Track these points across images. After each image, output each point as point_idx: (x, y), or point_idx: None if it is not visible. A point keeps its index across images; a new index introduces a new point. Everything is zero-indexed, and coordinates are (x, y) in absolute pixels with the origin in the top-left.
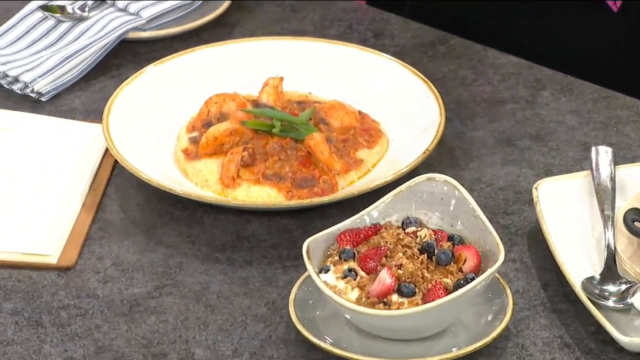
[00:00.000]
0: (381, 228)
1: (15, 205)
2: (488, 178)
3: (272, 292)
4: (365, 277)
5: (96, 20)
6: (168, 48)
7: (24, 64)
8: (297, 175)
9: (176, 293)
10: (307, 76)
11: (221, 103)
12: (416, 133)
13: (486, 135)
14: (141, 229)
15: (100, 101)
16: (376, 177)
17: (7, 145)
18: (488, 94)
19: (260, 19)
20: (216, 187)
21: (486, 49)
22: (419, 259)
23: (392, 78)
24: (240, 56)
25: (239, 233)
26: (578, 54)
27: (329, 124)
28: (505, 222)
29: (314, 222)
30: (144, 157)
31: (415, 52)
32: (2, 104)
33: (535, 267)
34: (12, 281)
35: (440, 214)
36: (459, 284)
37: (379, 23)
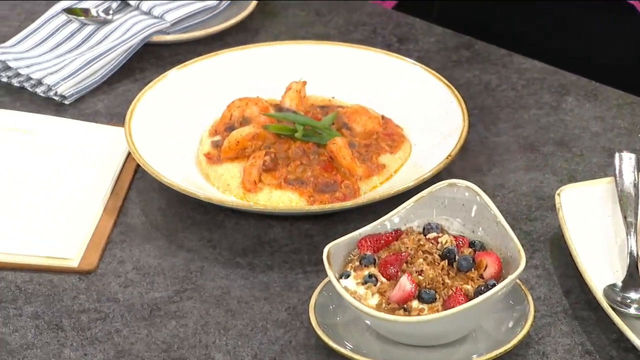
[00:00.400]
0: (402, 234)
1: (37, 209)
2: (511, 184)
3: (292, 297)
4: (386, 283)
5: (120, 23)
6: (192, 51)
7: (47, 67)
8: (319, 180)
9: (197, 297)
10: (331, 80)
11: (244, 107)
12: (439, 138)
13: (510, 140)
14: (162, 233)
15: (124, 104)
16: (398, 182)
17: (30, 148)
18: (512, 99)
19: (285, 23)
20: (238, 191)
21: (511, 54)
22: (439, 265)
23: (416, 83)
24: (263, 60)
25: (260, 238)
26: (603, 59)
27: (352, 129)
28: (527, 228)
29: (335, 227)
30: (166, 161)
31: (440, 56)
32: (25, 107)
33: (557, 273)
34: (33, 284)
35: (461, 220)
36: (479, 290)
37: (403, 27)
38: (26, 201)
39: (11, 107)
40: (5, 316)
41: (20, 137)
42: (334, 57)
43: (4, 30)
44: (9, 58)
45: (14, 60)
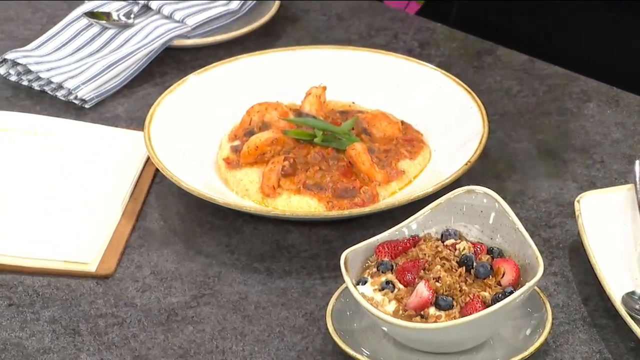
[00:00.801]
0: (420, 240)
1: (55, 213)
2: (531, 190)
3: (310, 302)
4: (403, 289)
5: (141, 27)
6: (213, 56)
7: (68, 71)
8: (338, 186)
9: (214, 303)
10: (351, 85)
11: (263, 112)
12: (459, 144)
13: (530, 147)
14: (181, 237)
15: (144, 109)
16: (418, 188)
17: (50, 152)
18: (533, 106)
19: (306, 28)
20: (257, 196)
21: (532, 60)
22: (457, 271)
23: (436, 88)
24: (284, 65)
25: (278, 243)
26: (625, 65)
27: (372, 134)
28: (547, 235)
29: (354, 232)
30: (185, 166)
31: (461, 62)
32: (46, 111)
33: (576, 281)
34: (50, 289)
35: (480, 227)
36: (496, 297)
37: (424, 33)
38: (45, 205)
39: (32, 110)
40: (22, 320)
41: (40, 140)
42: (354, 62)
43: (25, 33)
44: (30, 62)
45: (34, 64)
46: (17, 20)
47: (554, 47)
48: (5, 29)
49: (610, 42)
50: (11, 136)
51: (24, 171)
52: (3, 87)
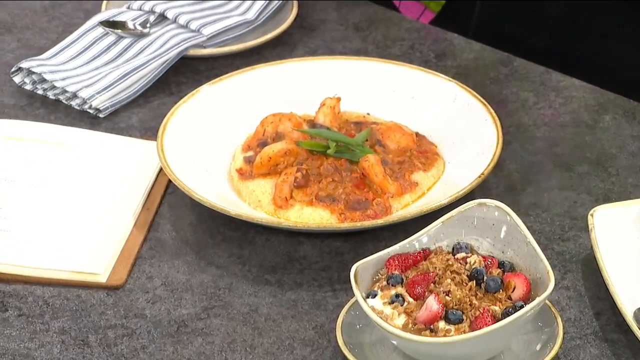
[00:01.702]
0: (430, 253)
1: (66, 222)
2: (545, 203)
3: (320, 315)
4: (413, 303)
5: (157, 36)
6: (229, 65)
7: (83, 80)
8: (351, 197)
9: (224, 315)
10: (366, 96)
11: (277, 122)
12: (473, 156)
13: (545, 159)
14: (192, 248)
15: (158, 118)
16: (431, 200)
17: (62, 161)
18: (549, 118)
19: (323, 38)
20: (269, 207)
21: (549, 72)
22: (467, 285)
23: (451, 100)
24: (299, 75)
25: (290, 255)
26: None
27: (385, 146)
28: (560, 248)
29: (366, 244)
30: (198, 176)
31: (477, 73)
32: (60, 120)
33: (588, 295)
34: (60, 299)
35: (491, 240)
36: (507, 311)
37: (441, 43)
38: (56, 215)
39: (46, 120)
40: (32, 331)
41: (53, 150)
42: (369, 73)
43: (41, 42)
44: (45, 70)
45: (49, 73)
46: (33, 29)
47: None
48: (21, 37)
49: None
50: (25, 145)
51: (36, 180)
52: (18, 95)
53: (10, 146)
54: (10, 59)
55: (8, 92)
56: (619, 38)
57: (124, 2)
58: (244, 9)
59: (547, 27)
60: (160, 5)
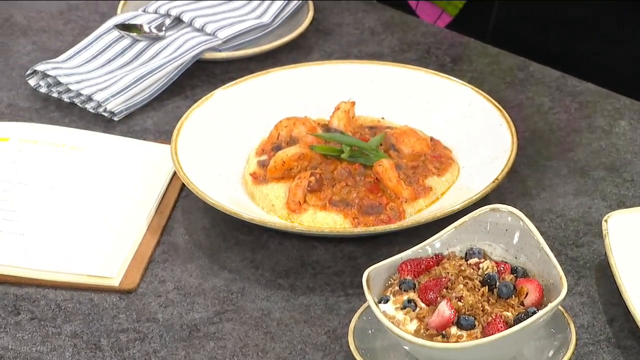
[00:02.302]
0: (443, 259)
1: (80, 225)
2: (559, 209)
3: (333, 320)
4: (425, 308)
5: (172, 39)
6: (244, 69)
7: (97, 83)
8: (364, 202)
9: (236, 319)
10: (381, 101)
11: (291, 127)
12: (488, 161)
13: (560, 164)
14: (205, 252)
15: (173, 122)
16: (445, 205)
17: (76, 165)
18: (564, 123)
19: (339, 42)
20: (282, 212)
21: (565, 77)
22: (480, 291)
23: (467, 104)
24: (313, 79)
25: (303, 259)
26: None
27: (400, 150)
28: (574, 254)
29: (379, 249)
30: (212, 180)
31: (493, 78)
32: (75, 123)
33: (602, 301)
34: (73, 303)
35: (504, 246)
36: (519, 317)
37: (457, 48)
38: (69, 218)
39: (61, 123)
40: (44, 335)
41: (67, 153)
42: (384, 77)
43: (57, 45)
44: (60, 74)
45: (64, 76)
46: (49, 32)
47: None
48: (37, 40)
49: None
50: (40, 148)
51: (50, 184)
52: (33, 98)
53: (24, 149)
54: (25, 61)
55: (23, 95)
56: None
57: (140, 4)
58: (260, 12)
59: (564, 31)
60: (176, 8)
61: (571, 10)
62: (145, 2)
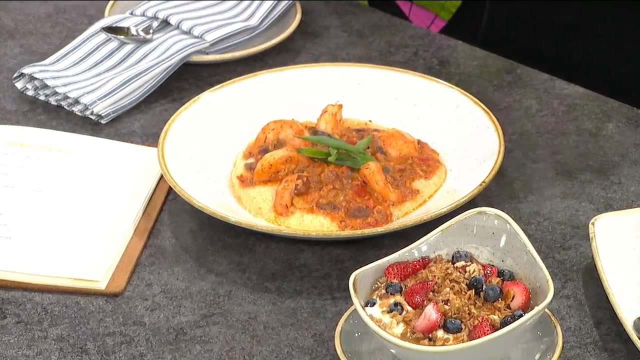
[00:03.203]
0: (430, 262)
1: (66, 229)
2: (546, 211)
3: (320, 323)
4: (411, 311)
5: (160, 42)
6: (231, 72)
7: (84, 86)
8: (351, 205)
9: (223, 322)
10: (368, 103)
11: (278, 129)
12: (475, 164)
13: (547, 167)
14: (192, 256)
15: (160, 125)
16: (432, 208)
17: (63, 168)
18: (552, 125)
19: (326, 44)
20: (269, 215)
21: (553, 79)
22: (466, 294)
23: (454, 107)
24: (301, 82)
25: (290, 262)
26: None
27: (387, 153)
28: (561, 257)
29: (366, 252)
30: (199, 183)
31: (481, 80)
32: (62, 126)
33: (589, 304)
34: (59, 306)
35: (491, 249)
36: (506, 321)
37: (445, 50)
38: (56, 221)
39: (48, 126)
40: (30, 338)
41: (55, 156)
42: (371, 80)
43: (44, 47)
44: (47, 76)
45: (51, 79)
46: (36, 35)
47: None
48: (24, 42)
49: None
50: (26, 151)
51: (37, 187)
52: (20, 101)
53: (11, 152)
54: (12, 64)
55: (10, 98)
56: (624, 44)
57: (127, 7)
58: (248, 14)
59: (555, 34)
60: (163, 11)
61: (562, 14)
62: (133, 5)
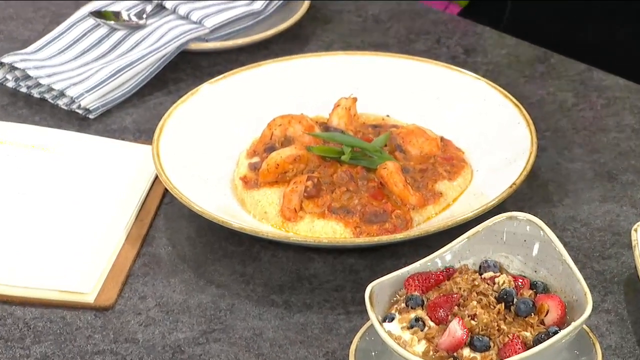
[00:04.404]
0: (455, 272)
1: (51, 235)
2: (584, 216)
3: (332, 340)
4: (434, 327)
5: (154, 28)
6: (233, 61)
7: (71, 77)
8: (367, 209)
9: (225, 339)
10: (385, 96)
11: (286, 125)
12: (504, 164)
13: (585, 167)
14: (190, 265)
15: (154, 120)
16: (457, 212)
17: (48, 167)
18: (589, 121)
19: (339, 31)
20: (276, 220)
21: (591, 69)
22: (495, 308)
23: (481, 101)
24: (310, 73)
25: (299, 273)
26: None
27: (407, 152)
28: (600, 267)
29: (384, 262)
30: (198, 185)
31: (510, 71)
32: (46, 121)
33: (631, 319)
34: (43, 321)
35: (522, 258)
36: (539, 338)
37: (471, 37)
38: (40, 227)
39: (30, 121)
40: (11, 356)
41: (37, 154)
42: (389, 70)
43: (26, 34)
44: (29, 66)
45: (34, 69)
46: (17, 20)
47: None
48: (3, 28)
49: None
50: (6, 149)
51: (18, 188)
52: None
53: None
54: None
55: None
56: None
57: None
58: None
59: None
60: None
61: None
62: None
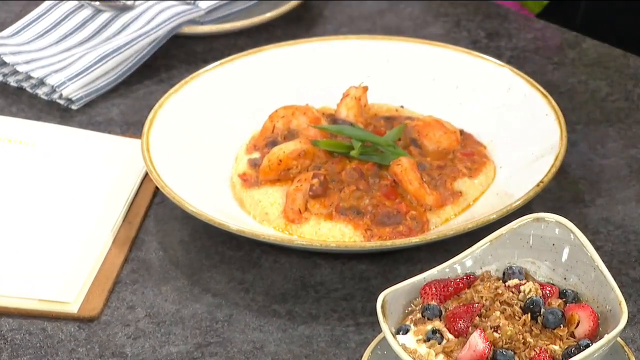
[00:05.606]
0: (476, 280)
1: (31, 239)
2: (619, 218)
3: (340, 355)
4: (453, 340)
5: (144, 10)
6: (231, 46)
7: (51, 63)
8: (379, 210)
9: (222, 353)
10: (399, 85)
11: (289, 117)
12: (530, 160)
13: (620, 164)
14: (184, 272)
15: (144, 111)
16: (478, 214)
17: (26, 164)
18: (625, 112)
19: (348, 12)
20: (278, 222)
21: (626, 56)
22: (520, 319)
23: (505, 90)
24: (317, 59)
25: (303, 280)
26: None
27: (423, 146)
28: (637, 274)
29: (397, 268)
30: (192, 183)
31: (538, 57)
32: (24, 113)
33: None
34: (21, 333)
35: (550, 264)
36: (569, 352)
37: (494, 20)
38: (18, 229)
39: (6, 112)
40: None
41: (15, 150)
42: (403, 57)
43: (2, 16)
44: (5, 51)
45: (10, 55)
46: None
47: None
48: None
49: None
50: None
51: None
52: None
53: None
54: None
55: None
56: None
57: None
58: None
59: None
60: None
61: None
62: None
